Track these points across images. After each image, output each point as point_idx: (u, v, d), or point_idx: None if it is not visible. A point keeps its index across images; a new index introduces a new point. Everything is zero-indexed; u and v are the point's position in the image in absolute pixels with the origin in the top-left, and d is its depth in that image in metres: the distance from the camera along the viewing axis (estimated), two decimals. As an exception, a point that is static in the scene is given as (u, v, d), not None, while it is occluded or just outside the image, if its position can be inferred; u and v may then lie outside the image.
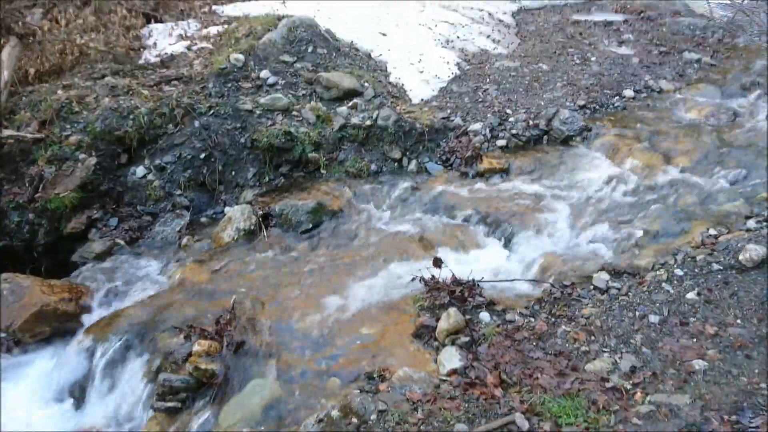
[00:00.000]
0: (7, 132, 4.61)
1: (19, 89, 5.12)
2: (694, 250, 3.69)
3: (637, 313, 3.23)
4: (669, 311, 3.21)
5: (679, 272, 3.49)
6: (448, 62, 6.49)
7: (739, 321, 3.08)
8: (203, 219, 4.68)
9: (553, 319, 3.30)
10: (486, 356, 3.03)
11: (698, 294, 3.30)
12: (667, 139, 5.09)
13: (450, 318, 3.24)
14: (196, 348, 3.29)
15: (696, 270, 3.48)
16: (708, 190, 4.39)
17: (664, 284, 3.41)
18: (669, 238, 3.97)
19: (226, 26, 6.48)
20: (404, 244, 4.25)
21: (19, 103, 4.94)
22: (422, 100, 5.82)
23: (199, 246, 4.35)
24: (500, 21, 8.25)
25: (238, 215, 4.40)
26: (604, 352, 3.01)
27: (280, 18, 6.30)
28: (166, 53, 5.99)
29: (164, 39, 6.31)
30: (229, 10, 7.11)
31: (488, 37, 7.52)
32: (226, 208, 4.66)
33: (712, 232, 3.82)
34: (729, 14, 7.97)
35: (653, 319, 3.17)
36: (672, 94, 6.00)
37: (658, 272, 3.54)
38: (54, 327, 3.73)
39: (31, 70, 5.42)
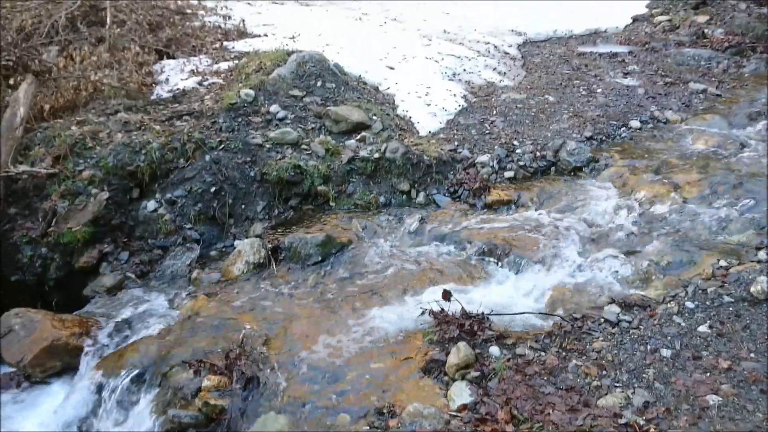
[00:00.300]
0: (22, 167, 4.70)
1: (35, 125, 5.22)
2: (705, 281, 3.67)
3: (649, 347, 3.21)
4: (681, 345, 3.19)
5: (690, 305, 3.47)
6: (454, 95, 6.57)
7: (752, 355, 3.05)
8: (213, 252, 4.70)
9: (563, 353, 3.28)
10: (496, 391, 3.02)
11: (710, 327, 3.28)
12: (674, 170, 5.10)
13: (460, 352, 3.23)
14: (205, 383, 3.30)
15: (707, 302, 3.47)
16: (717, 221, 4.38)
17: (675, 317, 3.39)
18: (679, 269, 3.96)
19: (236, 62, 6.60)
20: (413, 276, 4.25)
21: (34, 139, 5.03)
22: (430, 132, 5.88)
23: (209, 279, 4.36)
24: (506, 53, 8.36)
25: (247, 248, 4.43)
26: (617, 387, 2.98)
27: (289, 53, 6.42)
28: (177, 89, 6.10)
29: (176, 75, 6.43)
30: (239, 45, 7.25)
31: (494, 69, 7.62)
32: (236, 242, 4.69)
33: (723, 263, 3.81)
34: None
35: (665, 353, 3.14)
36: (678, 125, 6.03)
37: (668, 305, 3.52)
38: (65, 361, 3.75)
39: (46, 106, 5.52)
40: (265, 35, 7.68)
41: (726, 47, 8.10)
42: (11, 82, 5.50)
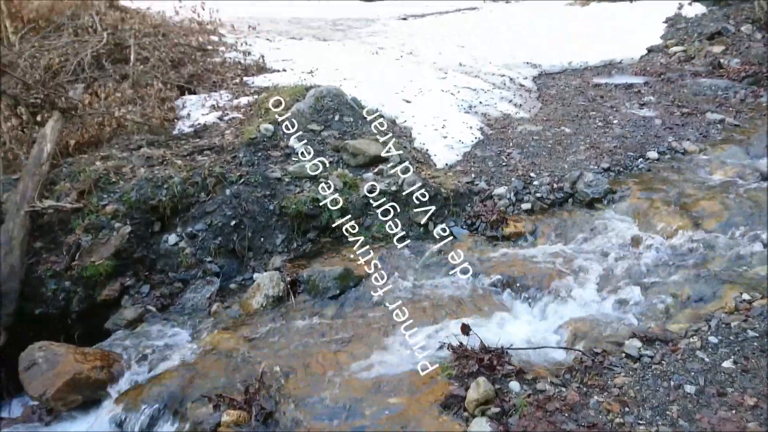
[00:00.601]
0: (48, 202, 4.80)
1: (60, 160, 5.35)
2: (728, 315, 3.63)
3: (672, 383, 3.16)
4: (705, 381, 3.14)
5: (713, 339, 3.43)
6: (471, 127, 6.63)
7: (779, 391, 3.00)
8: (233, 285, 4.74)
9: (585, 389, 3.24)
10: (517, 428, 2.98)
11: (735, 362, 3.23)
12: (693, 201, 5.08)
13: (479, 387, 3.21)
14: (224, 418, 3.30)
15: (731, 337, 3.42)
16: (738, 253, 4.34)
17: (698, 352, 3.35)
18: (700, 303, 3.92)
19: (256, 96, 6.74)
20: (431, 309, 4.25)
21: (60, 174, 5.15)
22: (446, 164, 5.93)
23: (229, 313, 4.40)
24: (522, 86, 8.44)
25: (266, 282, 4.47)
26: (640, 424, 2.93)
27: (307, 88, 6.54)
28: (199, 123, 6.23)
29: (197, 110, 6.58)
30: (259, 80, 7.40)
31: (510, 101, 7.69)
32: (255, 275, 4.73)
33: (746, 296, 3.77)
34: None
35: (689, 389, 3.10)
36: (696, 155, 6.02)
37: (691, 339, 3.48)
38: (86, 395, 3.76)
39: (72, 142, 5.66)
40: (284, 70, 7.84)
41: (743, 77, 8.10)
42: (39, 118, 5.67)
